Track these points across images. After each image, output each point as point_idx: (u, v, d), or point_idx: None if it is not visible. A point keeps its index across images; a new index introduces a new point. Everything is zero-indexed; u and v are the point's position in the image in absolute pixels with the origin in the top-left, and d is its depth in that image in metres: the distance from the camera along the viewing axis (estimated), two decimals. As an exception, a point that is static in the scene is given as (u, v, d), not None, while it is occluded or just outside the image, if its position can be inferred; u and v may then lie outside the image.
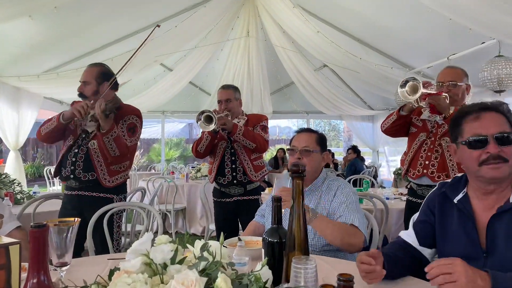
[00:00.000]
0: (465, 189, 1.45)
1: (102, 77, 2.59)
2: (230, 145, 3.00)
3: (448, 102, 2.44)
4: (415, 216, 1.59)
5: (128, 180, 2.75)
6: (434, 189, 1.58)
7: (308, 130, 2.12)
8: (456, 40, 4.94)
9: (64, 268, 1.12)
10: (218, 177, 3.03)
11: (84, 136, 2.58)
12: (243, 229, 2.56)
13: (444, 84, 2.53)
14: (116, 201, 2.58)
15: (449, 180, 1.53)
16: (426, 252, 1.51)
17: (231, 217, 3.08)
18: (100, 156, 2.53)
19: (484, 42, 4.56)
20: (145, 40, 2.59)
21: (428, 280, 1.15)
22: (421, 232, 1.52)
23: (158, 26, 2.58)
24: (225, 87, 3.11)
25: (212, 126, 2.75)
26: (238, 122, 2.98)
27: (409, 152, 2.70)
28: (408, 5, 4.79)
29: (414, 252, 1.51)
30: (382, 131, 2.84)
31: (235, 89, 3.12)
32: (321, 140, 2.08)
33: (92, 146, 2.52)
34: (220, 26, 6.59)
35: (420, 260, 1.50)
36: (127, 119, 2.63)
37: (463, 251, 1.37)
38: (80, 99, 2.64)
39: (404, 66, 6.41)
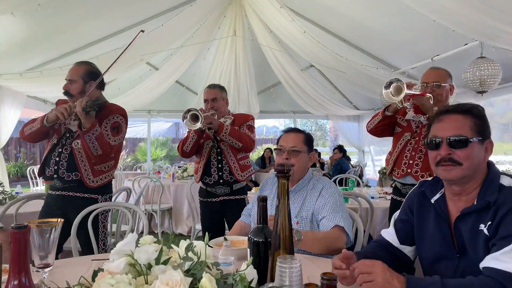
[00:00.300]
0: (442, 190, 1.45)
1: (89, 76, 2.54)
2: (217, 145, 2.99)
3: (432, 102, 2.48)
4: (396, 215, 1.61)
5: (113, 179, 2.72)
6: (414, 187, 1.60)
7: (296, 130, 2.12)
8: (440, 41, 5.02)
9: (46, 270, 1.10)
10: (204, 177, 3.02)
11: (68, 135, 2.55)
12: (230, 229, 2.56)
13: (428, 85, 2.57)
14: (101, 201, 2.55)
15: (430, 179, 1.54)
16: (407, 250, 1.52)
17: (217, 217, 3.08)
18: (84, 156, 2.49)
19: (467, 44, 4.64)
20: (129, 45, 2.56)
21: None
22: (401, 231, 1.53)
23: (142, 31, 2.55)
24: (212, 87, 3.10)
25: (198, 125, 2.73)
26: (225, 122, 2.98)
27: (394, 151, 2.74)
28: (393, 7, 4.84)
29: (395, 251, 1.52)
30: (367, 131, 2.87)
31: (221, 88, 3.12)
32: (308, 140, 2.08)
33: (76, 145, 2.48)
34: (206, 25, 6.56)
35: (401, 258, 1.51)
36: (112, 118, 2.60)
37: (439, 252, 1.39)
38: (65, 98, 2.60)
39: (390, 67, 6.49)
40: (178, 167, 7.63)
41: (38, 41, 5.28)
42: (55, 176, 2.48)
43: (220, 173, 2.97)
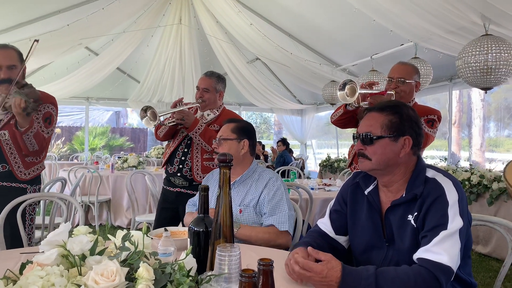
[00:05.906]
0: (376, 181, 1.52)
1: (22, 60, 2.36)
2: (189, 136, 2.82)
3: (393, 99, 2.47)
4: (331, 205, 1.65)
5: (47, 169, 2.57)
6: (348, 178, 1.65)
7: (228, 121, 2.17)
8: (379, 40, 5.27)
9: (-32, 264, 1.03)
10: (167, 164, 2.91)
11: None
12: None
13: (393, 80, 2.58)
14: (30, 191, 2.40)
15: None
16: (342, 240, 1.57)
17: (169, 207, 2.94)
18: (13, 148, 2.33)
19: (402, 44, 4.92)
20: (27, 57, 2.32)
21: None
22: (336, 222, 1.58)
23: (37, 41, 2.32)
24: (208, 75, 2.90)
25: (155, 123, 2.63)
26: (208, 116, 2.84)
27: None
28: (337, 5, 5.00)
29: (331, 241, 1.56)
30: (331, 122, 2.87)
31: (219, 79, 2.91)
32: (238, 129, 2.11)
33: (2, 137, 2.31)
34: (150, 11, 6.36)
35: (337, 248, 1.56)
36: (42, 108, 2.41)
37: (370, 241, 1.47)
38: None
39: (332, 63, 6.71)
40: (118, 157, 7.36)
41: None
42: None
43: (180, 166, 2.83)
